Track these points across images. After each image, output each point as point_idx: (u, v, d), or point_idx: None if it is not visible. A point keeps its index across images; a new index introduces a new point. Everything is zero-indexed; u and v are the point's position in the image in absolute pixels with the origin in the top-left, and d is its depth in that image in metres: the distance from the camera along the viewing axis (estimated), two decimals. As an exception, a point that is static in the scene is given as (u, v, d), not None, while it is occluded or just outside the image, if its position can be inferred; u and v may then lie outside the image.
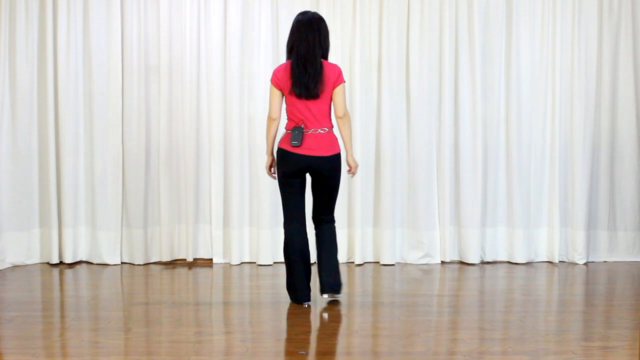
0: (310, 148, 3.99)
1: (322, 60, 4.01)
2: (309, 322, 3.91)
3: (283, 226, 4.16)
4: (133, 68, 5.24)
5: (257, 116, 5.28)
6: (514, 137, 5.40)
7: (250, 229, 5.38)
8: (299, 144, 3.95)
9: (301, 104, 3.99)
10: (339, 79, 4.03)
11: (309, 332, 3.69)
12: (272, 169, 4.19)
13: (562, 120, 5.42)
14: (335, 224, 4.22)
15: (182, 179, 5.33)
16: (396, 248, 5.40)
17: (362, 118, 5.33)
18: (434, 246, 5.41)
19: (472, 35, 5.33)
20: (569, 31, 5.39)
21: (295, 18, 4.10)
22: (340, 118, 4.06)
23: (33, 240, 5.26)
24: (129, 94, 5.25)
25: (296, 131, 3.96)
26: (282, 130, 4.15)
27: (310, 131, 4.00)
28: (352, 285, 4.79)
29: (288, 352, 3.31)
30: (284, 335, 3.60)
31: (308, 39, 3.97)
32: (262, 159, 5.22)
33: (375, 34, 5.35)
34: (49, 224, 5.24)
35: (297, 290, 4.10)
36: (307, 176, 4.14)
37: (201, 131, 5.33)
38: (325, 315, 3.98)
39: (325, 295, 4.14)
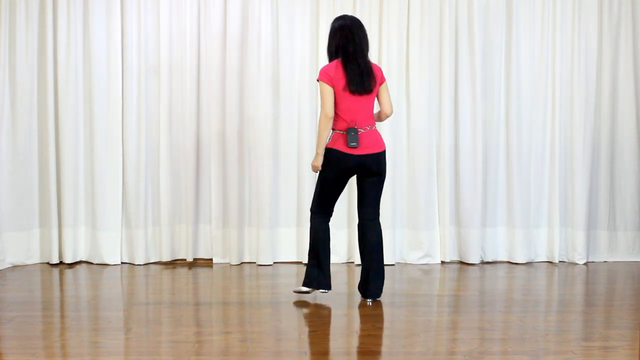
0: (365, 146, 4.06)
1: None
2: (309, 322, 3.92)
3: (313, 212, 4.22)
4: (133, 68, 5.24)
5: (257, 116, 5.28)
6: (514, 137, 5.40)
7: (250, 229, 5.38)
8: (357, 145, 4.02)
9: (354, 101, 4.04)
10: (383, 76, 4.16)
11: (309, 332, 3.69)
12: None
13: (562, 120, 5.42)
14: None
15: (182, 179, 5.34)
16: (396, 248, 5.40)
17: (362, 118, 5.32)
18: (434, 246, 5.41)
19: (472, 35, 5.33)
20: (569, 31, 5.39)
21: (337, 23, 4.14)
22: (388, 116, 4.21)
23: (33, 240, 5.26)
24: (129, 94, 5.25)
25: (352, 132, 4.01)
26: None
27: (362, 130, 4.06)
28: (352, 285, 4.79)
29: (288, 352, 3.31)
30: (284, 335, 3.60)
31: (355, 39, 4.05)
32: (263, 159, 5.26)
33: (375, 34, 5.35)
34: (49, 224, 5.24)
35: (325, 276, 4.20)
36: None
37: (201, 131, 5.33)
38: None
39: (369, 301, 4.18)
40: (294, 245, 5.40)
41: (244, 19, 5.30)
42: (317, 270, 4.21)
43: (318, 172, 4.18)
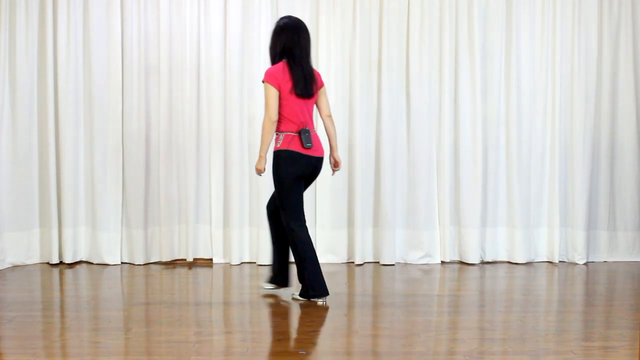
0: (316, 149, 4.11)
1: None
2: (309, 322, 3.92)
3: (292, 226, 4.12)
4: (133, 68, 5.24)
5: (257, 116, 5.28)
6: (514, 137, 5.40)
7: (250, 229, 5.38)
8: (312, 146, 4.05)
9: (300, 105, 4.06)
10: (322, 81, 4.23)
11: (309, 332, 3.69)
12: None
13: (562, 120, 5.43)
14: None
15: (182, 179, 5.34)
16: (396, 248, 5.40)
17: (362, 118, 5.33)
18: (434, 246, 5.41)
19: (472, 35, 5.33)
20: (569, 31, 5.40)
21: (282, 22, 4.15)
22: (329, 117, 4.22)
23: (33, 240, 5.26)
24: (129, 93, 5.25)
25: (306, 133, 4.05)
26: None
27: (310, 132, 4.10)
28: (352, 285, 4.79)
29: (288, 352, 3.31)
30: (284, 335, 3.60)
31: (301, 42, 4.08)
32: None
33: (375, 34, 5.35)
34: (49, 224, 5.24)
35: (323, 282, 4.14)
36: None
37: (201, 131, 5.34)
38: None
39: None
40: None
41: (244, 18, 5.30)
42: (319, 278, 4.14)
43: (261, 174, 4.19)
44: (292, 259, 4.31)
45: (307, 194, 5.31)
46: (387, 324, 3.84)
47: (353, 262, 5.37)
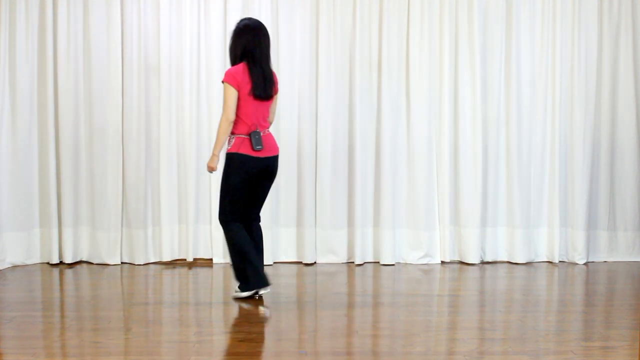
0: (268, 150, 4.13)
1: None
2: (309, 322, 3.92)
3: (228, 222, 4.16)
4: (133, 68, 5.24)
5: (257, 116, 5.29)
6: (514, 137, 5.40)
7: (250, 229, 5.37)
8: (263, 148, 4.08)
9: (256, 106, 4.10)
10: (277, 84, 4.27)
11: (309, 332, 3.69)
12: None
13: (562, 120, 5.42)
14: None
15: (182, 179, 5.34)
16: (396, 248, 5.40)
17: (362, 118, 5.33)
18: (434, 246, 5.41)
19: (472, 35, 5.33)
20: (569, 31, 5.39)
21: (242, 23, 4.19)
22: (270, 124, 4.26)
23: (33, 240, 5.26)
24: (129, 93, 5.25)
25: (256, 135, 4.07)
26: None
27: (262, 133, 4.12)
28: (352, 285, 4.79)
29: (288, 352, 3.31)
30: (284, 335, 3.60)
31: (261, 44, 4.12)
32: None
33: (375, 34, 5.35)
34: (49, 224, 5.24)
35: (262, 274, 4.17)
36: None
37: (201, 131, 5.33)
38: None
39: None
40: (294, 245, 5.40)
41: (244, 19, 5.29)
42: (257, 271, 4.15)
43: (213, 172, 4.22)
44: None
45: (308, 194, 5.33)
46: (387, 324, 3.85)
47: (353, 262, 5.37)
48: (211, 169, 4.16)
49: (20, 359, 3.18)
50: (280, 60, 5.32)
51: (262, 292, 4.21)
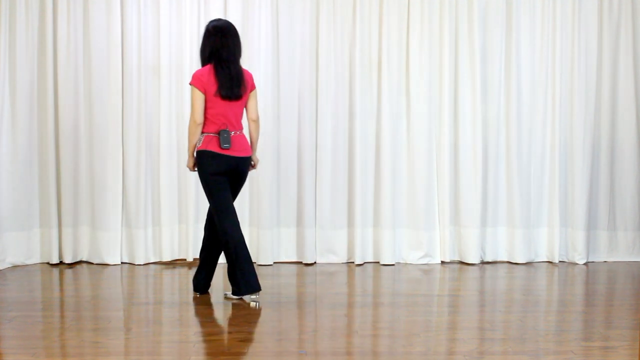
0: (237, 149, 4.14)
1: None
2: (309, 322, 3.92)
3: (220, 222, 4.11)
4: (133, 68, 5.24)
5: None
6: (514, 137, 5.40)
7: (250, 229, 5.38)
8: (230, 146, 4.08)
9: (224, 107, 4.10)
10: (253, 83, 4.26)
11: (309, 332, 3.69)
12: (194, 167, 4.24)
13: (562, 120, 5.43)
14: None
15: (182, 179, 5.34)
16: (396, 248, 5.40)
17: (362, 118, 5.33)
18: (434, 246, 5.41)
19: (472, 35, 5.34)
20: (569, 31, 5.40)
21: (211, 24, 4.21)
22: (254, 121, 4.26)
23: (33, 240, 5.26)
24: (129, 94, 5.25)
25: (225, 134, 4.08)
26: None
27: (233, 133, 4.13)
28: (352, 285, 4.79)
29: (288, 352, 3.31)
30: (284, 335, 3.60)
31: (228, 44, 4.12)
32: (262, 159, 5.26)
33: (375, 34, 5.35)
34: (49, 224, 5.24)
35: (252, 277, 4.10)
36: None
37: (201, 131, 5.33)
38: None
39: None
40: (294, 245, 5.40)
41: (244, 18, 5.30)
42: (245, 273, 4.09)
43: (196, 171, 4.23)
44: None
45: (308, 194, 5.33)
46: (387, 324, 3.85)
47: (353, 262, 5.37)
48: (190, 168, 4.26)
49: (20, 359, 3.18)
50: (281, 61, 5.32)
51: (253, 298, 4.18)
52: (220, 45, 4.10)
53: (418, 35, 5.35)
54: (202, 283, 4.39)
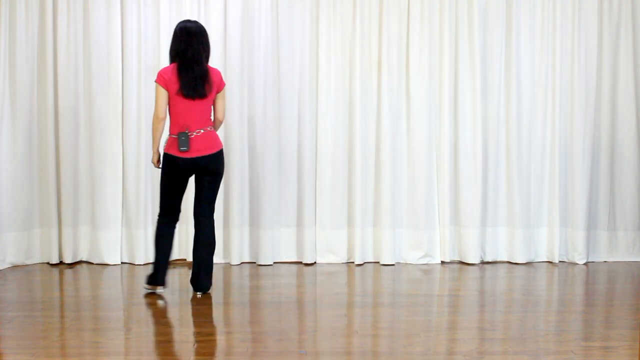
0: (197, 149, 4.21)
1: (206, 64, 4.26)
2: (309, 322, 3.92)
3: (157, 217, 4.37)
4: (133, 68, 5.23)
5: (257, 116, 5.29)
6: (514, 137, 5.40)
7: (250, 229, 5.38)
8: (188, 149, 4.16)
9: (188, 105, 4.18)
10: (222, 82, 4.33)
11: (309, 332, 3.69)
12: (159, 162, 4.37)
13: (562, 120, 5.42)
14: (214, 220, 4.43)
15: (182, 179, 5.33)
16: (396, 248, 5.40)
17: (362, 118, 5.33)
18: (434, 246, 5.41)
19: (472, 36, 5.33)
20: (569, 31, 5.39)
21: (178, 26, 4.32)
22: (220, 121, 4.33)
23: (33, 240, 5.26)
24: (129, 93, 5.25)
25: (183, 137, 4.17)
26: (166, 134, 4.35)
27: (195, 133, 4.20)
28: (352, 285, 4.79)
29: (288, 352, 3.31)
30: (284, 335, 3.60)
31: (193, 44, 4.20)
32: (263, 158, 5.27)
33: (375, 34, 5.35)
34: (49, 224, 5.23)
35: (160, 274, 4.35)
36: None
37: (201, 131, 5.33)
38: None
39: (199, 294, 4.34)
40: (294, 245, 5.40)
41: (244, 18, 5.29)
42: (158, 269, 4.36)
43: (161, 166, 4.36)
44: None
45: (308, 194, 5.32)
46: (387, 324, 3.85)
47: (353, 262, 5.37)
48: (154, 165, 4.39)
49: (20, 359, 3.18)
50: (281, 61, 5.32)
51: (158, 290, 4.38)
52: (185, 45, 4.20)
53: (418, 35, 5.34)
54: (155, 276, 4.46)
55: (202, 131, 4.21)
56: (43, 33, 5.20)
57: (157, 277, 4.37)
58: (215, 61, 5.26)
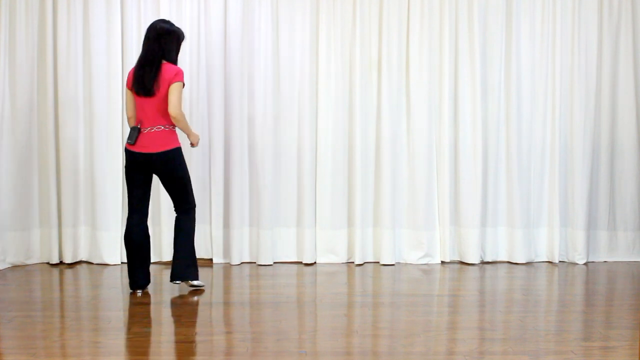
0: (144, 145, 4.32)
1: (163, 62, 4.30)
2: (309, 322, 3.92)
3: (128, 216, 4.43)
4: (133, 68, 5.24)
5: (257, 116, 5.29)
6: (514, 137, 5.40)
7: (250, 229, 5.38)
8: (133, 143, 4.30)
9: (140, 102, 4.34)
10: (175, 77, 4.29)
11: (309, 332, 3.69)
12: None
13: (562, 120, 5.43)
14: (195, 212, 4.51)
15: (182, 179, 5.33)
16: (396, 248, 5.40)
17: (362, 118, 5.33)
18: (434, 246, 5.41)
19: (472, 35, 5.33)
20: (569, 31, 5.39)
21: (146, 30, 4.42)
22: (172, 117, 4.29)
23: (33, 240, 5.26)
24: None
25: (132, 131, 4.34)
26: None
27: (147, 130, 4.31)
28: (352, 285, 4.79)
29: (288, 352, 3.31)
30: (284, 335, 3.60)
31: (149, 44, 4.35)
32: (263, 158, 5.28)
33: (375, 33, 5.35)
34: (49, 224, 5.24)
35: (134, 277, 4.39)
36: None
37: (201, 131, 5.33)
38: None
39: (178, 282, 4.47)
40: (294, 245, 5.40)
41: (244, 18, 5.29)
42: (131, 272, 4.41)
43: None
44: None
45: (308, 193, 5.32)
46: (387, 324, 3.85)
47: (353, 262, 5.37)
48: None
49: (20, 359, 3.18)
50: (281, 60, 5.32)
51: (138, 293, 4.41)
52: (143, 46, 4.37)
53: (418, 35, 5.35)
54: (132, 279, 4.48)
55: (154, 129, 4.30)
56: (43, 33, 5.21)
57: (131, 279, 4.41)
58: (215, 61, 5.29)
